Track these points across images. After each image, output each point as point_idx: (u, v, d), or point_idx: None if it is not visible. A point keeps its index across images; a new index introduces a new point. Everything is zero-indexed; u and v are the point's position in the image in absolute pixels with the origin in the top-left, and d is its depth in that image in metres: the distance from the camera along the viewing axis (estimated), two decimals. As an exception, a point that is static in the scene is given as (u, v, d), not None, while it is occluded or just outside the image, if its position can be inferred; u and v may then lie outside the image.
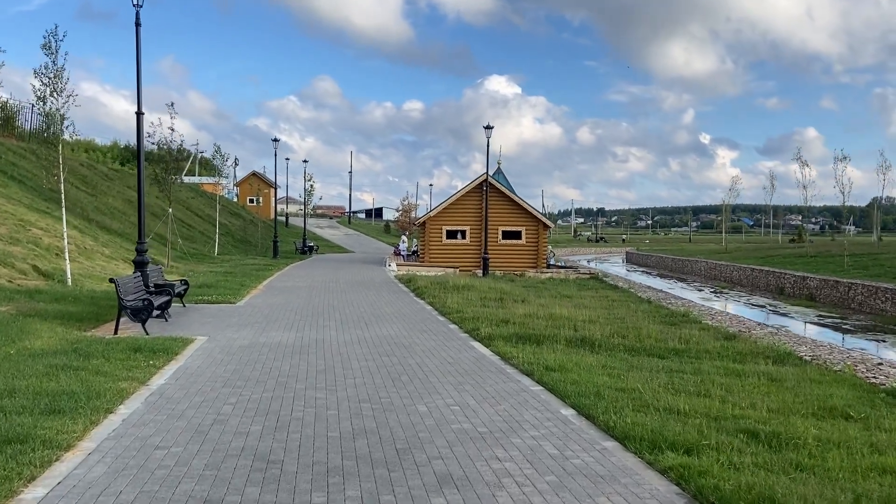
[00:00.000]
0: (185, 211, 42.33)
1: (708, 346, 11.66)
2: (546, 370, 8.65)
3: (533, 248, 34.22)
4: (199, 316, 13.52)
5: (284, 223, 64.39)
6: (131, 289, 11.81)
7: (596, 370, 8.93)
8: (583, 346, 11.03)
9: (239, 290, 17.91)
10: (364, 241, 62.38)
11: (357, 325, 12.78)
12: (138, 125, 13.26)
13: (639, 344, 11.36)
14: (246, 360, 9.20)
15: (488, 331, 11.58)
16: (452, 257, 33.61)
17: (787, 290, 34.00)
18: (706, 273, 47.31)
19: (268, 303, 16.11)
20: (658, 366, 9.69)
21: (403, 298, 17.94)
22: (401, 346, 10.56)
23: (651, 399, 7.34)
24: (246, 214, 53.04)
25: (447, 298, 16.87)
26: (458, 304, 15.66)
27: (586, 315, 14.72)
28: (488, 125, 28.03)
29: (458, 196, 34.36)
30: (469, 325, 12.62)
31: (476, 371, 8.86)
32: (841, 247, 52.24)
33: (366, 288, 20.87)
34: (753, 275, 39.04)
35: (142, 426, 6.11)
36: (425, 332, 12.17)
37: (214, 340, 10.74)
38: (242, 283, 19.83)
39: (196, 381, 7.89)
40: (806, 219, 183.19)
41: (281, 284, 21.29)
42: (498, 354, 10.02)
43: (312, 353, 9.90)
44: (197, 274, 22.64)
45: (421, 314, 14.69)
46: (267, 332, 11.67)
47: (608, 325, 13.49)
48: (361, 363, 9.22)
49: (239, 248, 39.51)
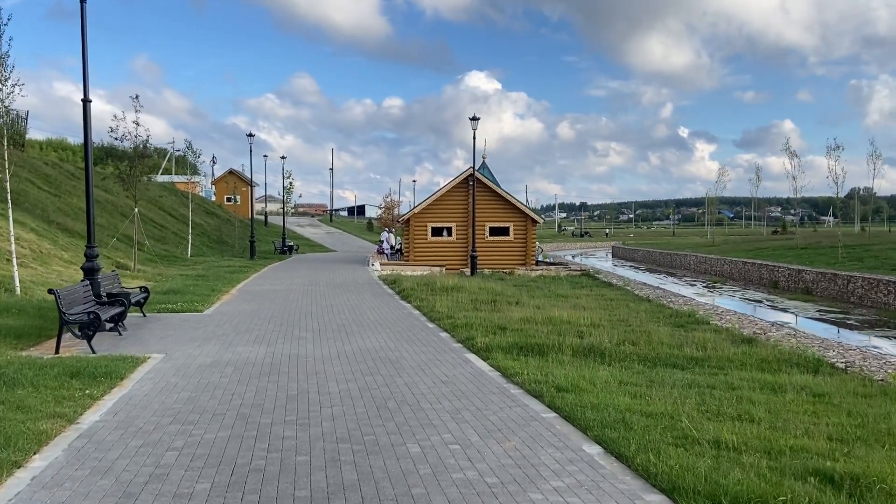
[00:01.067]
0: (158, 211, 40.59)
1: (727, 352, 10.49)
2: (557, 391, 7.38)
3: (521, 245, 33.01)
4: (160, 328, 12.08)
5: (263, 222, 62.66)
6: (78, 300, 10.36)
7: (613, 388, 7.68)
8: (591, 356, 9.80)
9: (208, 297, 16.46)
10: (346, 240, 60.83)
11: (337, 336, 11.43)
12: (85, 114, 11.79)
13: (652, 352, 10.15)
14: (204, 385, 7.83)
15: (485, 340, 10.29)
16: (438, 255, 32.30)
17: (781, 284, 33.15)
18: (696, 267, 46.47)
19: (239, 310, 14.69)
20: (681, 379, 8.49)
21: (388, 302, 16.61)
22: (386, 362, 9.25)
23: (688, 427, 6.11)
24: (222, 213, 51.28)
25: (436, 301, 15.57)
26: (448, 308, 14.37)
27: (587, 318, 13.51)
28: (474, 116, 26.75)
29: (444, 192, 33.04)
30: (462, 333, 11.33)
31: (475, 393, 7.57)
32: (830, 237, 51.81)
33: (347, 290, 19.50)
34: (745, 268, 38.19)
35: (54, 488, 4.74)
36: (414, 342, 10.86)
37: (171, 358, 9.35)
38: (213, 288, 18.36)
39: (139, 417, 6.52)
40: (785, 210, 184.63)
41: (256, 288, 19.85)
42: (498, 370, 8.74)
43: (284, 372, 8.55)
44: (165, 278, 21.12)
45: (408, 320, 13.37)
46: (234, 347, 10.28)
47: (613, 330, 12.28)
48: (341, 385, 7.89)
49: (214, 249, 37.87)
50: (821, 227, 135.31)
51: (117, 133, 22.80)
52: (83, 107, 11.78)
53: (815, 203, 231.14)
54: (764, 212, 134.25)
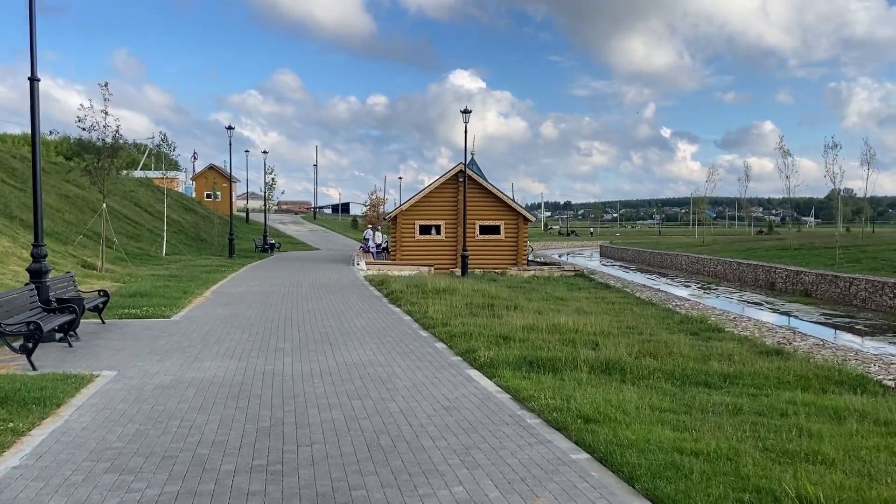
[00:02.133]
0: (133, 207, 38.88)
1: (757, 366, 9.35)
2: (584, 422, 6.15)
3: (513, 244, 31.83)
4: (118, 337, 10.69)
5: (245, 219, 60.94)
6: (18, 307, 8.96)
7: (649, 417, 6.47)
8: (611, 372, 8.59)
9: (178, 300, 15.05)
10: (330, 238, 59.30)
11: (320, 347, 10.12)
12: (32, 93, 10.36)
13: (677, 367, 8.97)
14: (158, 414, 6.50)
15: (488, 354, 9.04)
16: (426, 255, 31.01)
17: (778, 286, 32.28)
18: (688, 267, 45.61)
19: (211, 315, 13.31)
20: (719, 402, 7.30)
21: (376, 306, 15.30)
22: (377, 381, 7.96)
23: (756, 475, 4.91)
24: (202, 210, 49.55)
25: (428, 306, 14.31)
26: (442, 314, 13.11)
27: (595, 325, 12.33)
28: (466, 109, 25.47)
29: (432, 188, 31.75)
30: (461, 343, 10.07)
31: (485, 423, 6.31)
32: (822, 238, 51.20)
33: (331, 292, 18.16)
34: (740, 269, 37.32)
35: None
36: (407, 355, 9.58)
37: (124, 377, 7.99)
38: (185, 290, 16.94)
39: (68, 462, 5.18)
40: (767, 210, 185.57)
41: (232, 290, 18.43)
42: (508, 391, 7.50)
43: (256, 396, 7.23)
44: (134, 279, 19.63)
45: (398, 327, 12.09)
46: (200, 362, 8.94)
47: (626, 339, 11.12)
48: (324, 414, 6.59)
49: (192, 247, 36.26)
50: (803, 227, 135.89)
51: (85, 123, 21.21)
52: (30, 86, 10.36)
53: (797, 204, 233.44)
54: (748, 212, 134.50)
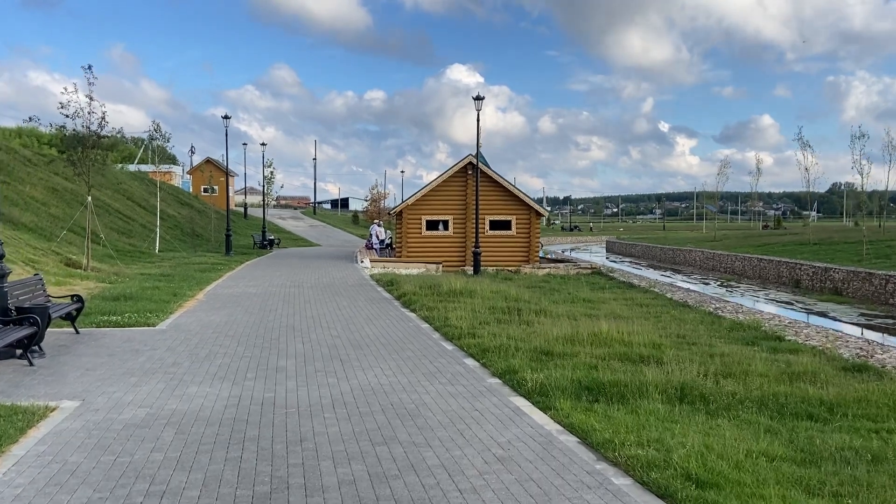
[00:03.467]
0: (125, 201, 37.23)
1: (856, 390, 7.75)
2: (695, 486, 4.55)
3: (524, 240, 30.21)
4: (91, 352, 9.08)
5: (243, 214, 59.30)
6: (-37, 320, 7.34)
7: (767, 471, 4.88)
8: (691, 401, 7.00)
9: (167, 304, 13.43)
10: (331, 233, 57.67)
11: (329, 365, 8.52)
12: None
13: (765, 392, 7.37)
14: (121, 471, 4.89)
15: (535, 378, 7.43)
16: (434, 251, 29.39)
17: (804, 283, 30.69)
18: (702, 264, 44.01)
19: (202, 323, 11.70)
20: (841, 445, 5.72)
21: (388, 310, 13.70)
22: (404, 415, 6.36)
23: None
24: (198, 205, 47.88)
25: (447, 311, 12.71)
26: (466, 321, 11.51)
27: (641, 334, 10.73)
28: (478, 96, 23.80)
29: (440, 181, 30.11)
30: (497, 360, 8.47)
31: (558, 485, 4.71)
32: (840, 233, 49.53)
33: (337, 294, 16.55)
34: (761, 265, 35.71)
35: None
36: (434, 376, 7.98)
37: (88, 409, 6.39)
38: (176, 292, 15.32)
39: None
40: (767, 205, 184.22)
41: (227, 291, 16.82)
42: (573, 432, 5.89)
43: (251, 440, 5.62)
44: (121, 279, 18.00)
45: (418, 339, 10.48)
46: (184, 387, 7.33)
47: (683, 352, 9.54)
48: (342, 469, 4.99)
49: (187, 244, 34.61)
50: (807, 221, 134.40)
51: (68, 110, 19.54)
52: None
53: (797, 198, 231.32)
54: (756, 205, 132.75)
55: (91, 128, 19.69)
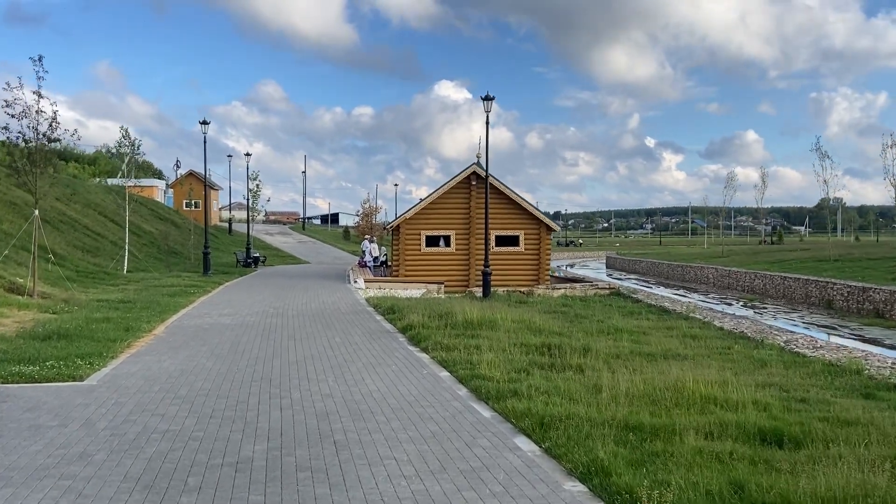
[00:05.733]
0: (96, 216, 34.25)
1: None
2: None
3: (534, 257, 27.50)
4: (-31, 431, 6.21)
5: (228, 230, 56.32)
6: None
7: None
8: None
9: (113, 344, 10.56)
10: (321, 250, 54.74)
11: (318, 454, 5.70)
12: None
13: None
14: None
15: (651, 494, 4.65)
16: (435, 270, 26.61)
17: (838, 304, 28.14)
18: (716, 281, 41.46)
19: (150, 374, 8.84)
20: None
21: (392, 350, 10.90)
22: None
23: None
24: (179, 220, 44.90)
25: (470, 351, 9.96)
26: (498, 369, 8.75)
27: (734, 387, 8.04)
28: (487, 96, 21.19)
29: (441, 192, 27.42)
30: (573, 449, 5.67)
31: None
32: (859, 249, 47.21)
33: (328, 325, 13.73)
34: (786, 284, 33.17)
35: None
36: (479, 479, 5.17)
37: None
38: (130, 325, 12.45)
39: None
40: (756, 220, 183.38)
41: (195, 322, 13.95)
42: None
43: None
44: (70, 307, 15.08)
45: (439, 398, 7.69)
46: (80, 511, 4.49)
47: (800, 415, 6.84)
48: None
49: (163, 262, 31.62)
50: (796, 236, 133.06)
51: (13, 109, 16.70)
52: None
53: (787, 213, 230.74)
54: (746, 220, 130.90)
55: (40, 130, 16.85)
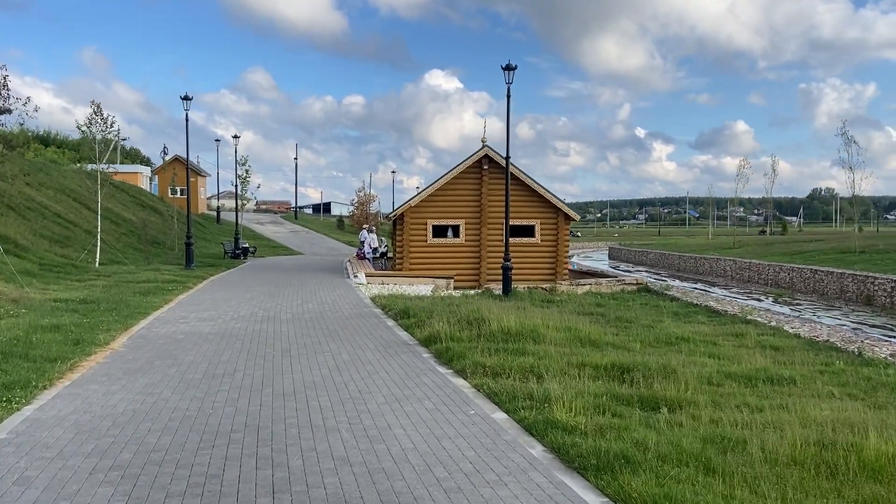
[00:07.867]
0: (71, 202, 31.49)
1: None
2: None
3: (551, 249, 25.02)
4: None
5: (216, 219, 53.55)
6: None
7: None
8: None
9: (51, 366, 8.03)
10: (314, 240, 52.08)
11: None
12: None
13: None
14: None
15: None
16: (443, 263, 24.11)
17: (879, 300, 25.89)
18: (735, 274, 39.15)
19: (85, 421, 6.32)
20: None
21: (418, 372, 8.41)
22: None
23: None
24: (163, 207, 42.12)
25: (526, 378, 7.50)
26: (577, 410, 6.29)
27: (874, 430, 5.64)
28: (509, 65, 18.61)
29: (449, 178, 24.86)
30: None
31: None
32: (883, 240, 44.87)
33: (330, 334, 11.23)
34: (817, 278, 30.90)
35: None
36: None
37: None
38: (82, 337, 9.91)
39: None
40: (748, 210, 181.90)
41: (167, 329, 11.40)
42: None
43: None
44: (16, 311, 12.49)
45: (509, 468, 5.23)
46: None
47: None
48: None
49: (142, 253, 28.94)
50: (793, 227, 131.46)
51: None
52: None
53: (780, 204, 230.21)
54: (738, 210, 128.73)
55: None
